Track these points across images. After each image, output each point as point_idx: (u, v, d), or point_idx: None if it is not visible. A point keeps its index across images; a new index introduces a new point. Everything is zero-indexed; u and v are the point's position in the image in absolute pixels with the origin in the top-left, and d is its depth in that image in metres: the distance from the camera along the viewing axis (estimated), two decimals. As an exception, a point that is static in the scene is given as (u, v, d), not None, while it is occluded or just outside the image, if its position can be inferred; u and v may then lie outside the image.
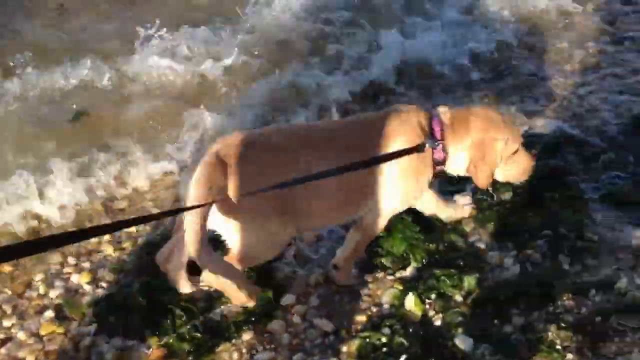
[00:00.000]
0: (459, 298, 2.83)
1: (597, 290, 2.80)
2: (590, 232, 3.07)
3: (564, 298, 2.77)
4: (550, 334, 2.62)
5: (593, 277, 2.88)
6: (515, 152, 2.78)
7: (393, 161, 2.58)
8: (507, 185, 3.12)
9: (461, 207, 3.19)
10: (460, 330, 2.67)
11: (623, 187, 3.37)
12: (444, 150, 2.68)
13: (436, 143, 2.66)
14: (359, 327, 2.76)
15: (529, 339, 2.61)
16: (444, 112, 2.74)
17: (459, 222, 3.16)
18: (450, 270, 2.90)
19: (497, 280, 2.90)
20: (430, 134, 2.67)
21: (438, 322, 2.74)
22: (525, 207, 3.21)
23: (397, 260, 3.02)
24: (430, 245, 3.04)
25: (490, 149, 2.70)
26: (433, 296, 2.83)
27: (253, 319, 2.76)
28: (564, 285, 2.83)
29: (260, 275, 2.92)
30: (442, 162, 2.72)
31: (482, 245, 3.10)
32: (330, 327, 2.76)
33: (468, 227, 3.17)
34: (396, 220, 2.99)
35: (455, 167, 2.78)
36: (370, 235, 2.87)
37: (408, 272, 2.98)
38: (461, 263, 2.97)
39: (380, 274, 3.00)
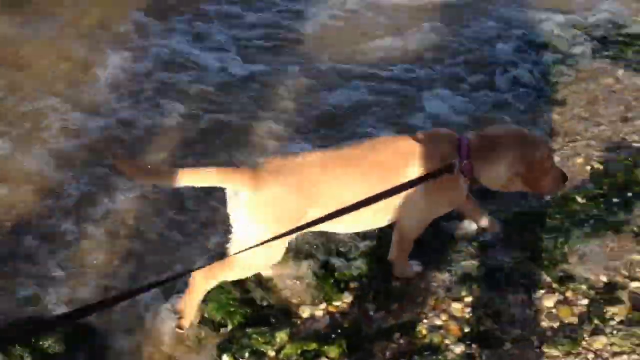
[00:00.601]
0: (271, 353, 2.91)
1: (400, 334, 2.98)
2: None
3: (370, 344, 2.93)
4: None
5: (396, 321, 3.07)
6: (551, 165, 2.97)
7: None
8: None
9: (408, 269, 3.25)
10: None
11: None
12: (471, 165, 2.83)
13: (464, 161, 2.82)
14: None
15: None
16: (473, 133, 2.94)
17: (270, 279, 3.27)
18: (262, 328, 2.98)
19: (308, 332, 3.01)
20: (458, 154, 2.83)
21: (252, 378, 2.80)
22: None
23: (215, 325, 3.06)
24: (247, 308, 3.11)
25: (532, 160, 2.87)
26: (246, 354, 2.89)
27: None
28: (370, 330, 3.00)
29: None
30: (472, 178, 2.87)
31: (294, 300, 3.21)
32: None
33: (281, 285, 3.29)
34: (215, 289, 3.05)
35: (488, 180, 2.93)
36: (408, 238, 3.05)
37: (225, 335, 3.02)
38: (273, 320, 3.06)
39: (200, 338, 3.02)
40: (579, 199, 3.62)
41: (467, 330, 2.95)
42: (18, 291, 3.25)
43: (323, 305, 3.17)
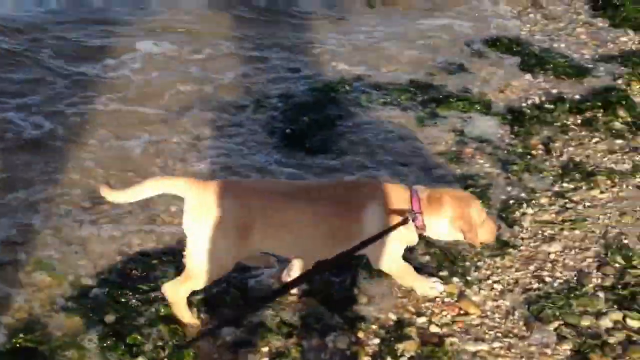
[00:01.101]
0: None
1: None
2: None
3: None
4: None
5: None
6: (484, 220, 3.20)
7: (378, 216, 3.03)
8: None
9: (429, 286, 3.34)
10: None
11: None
12: (422, 220, 3.10)
13: (415, 214, 3.07)
14: None
15: None
16: (421, 189, 3.16)
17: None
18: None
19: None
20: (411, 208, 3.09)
21: None
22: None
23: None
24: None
25: (469, 217, 3.11)
26: None
27: None
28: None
29: None
30: (422, 229, 3.12)
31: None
32: None
33: None
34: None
35: (435, 233, 3.19)
36: (392, 273, 3.25)
37: None
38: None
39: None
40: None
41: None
42: None
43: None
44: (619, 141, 4.48)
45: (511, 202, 3.96)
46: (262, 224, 2.95)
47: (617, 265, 3.46)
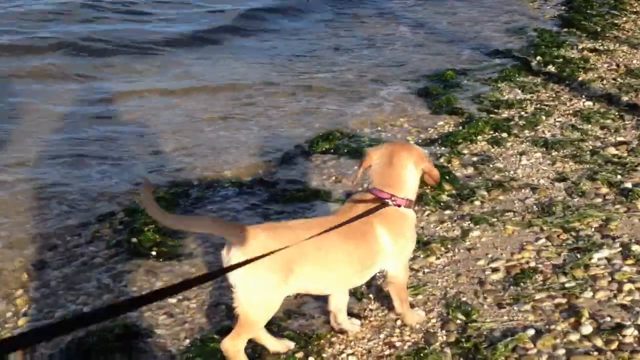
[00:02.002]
0: None
1: None
2: None
3: None
4: None
5: None
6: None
7: (385, 225, 3.30)
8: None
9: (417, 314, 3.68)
10: None
11: None
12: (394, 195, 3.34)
13: (390, 200, 3.32)
14: None
15: None
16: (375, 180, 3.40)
17: None
18: None
19: None
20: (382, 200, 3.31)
21: None
22: None
23: None
24: None
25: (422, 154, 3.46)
26: None
27: None
28: None
29: None
30: (408, 204, 3.38)
31: None
32: None
33: None
34: None
35: (412, 187, 3.42)
36: (401, 285, 3.51)
37: None
38: None
39: None
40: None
41: None
42: None
43: None
44: (448, 212, 4.84)
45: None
46: (302, 262, 3.10)
47: (458, 321, 3.67)
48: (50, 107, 7.06)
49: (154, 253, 4.50)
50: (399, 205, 3.36)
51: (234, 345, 3.15)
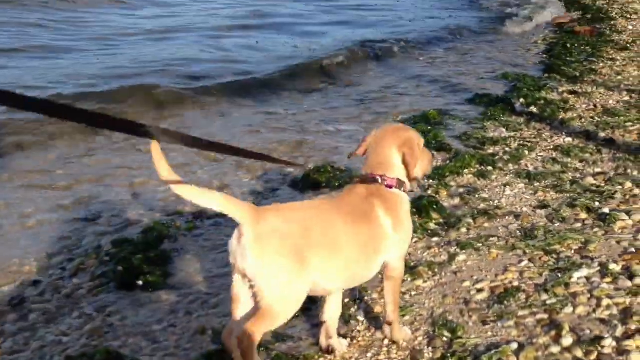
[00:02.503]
0: None
1: None
2: None
3: None
4: None
5: None
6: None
7: (385, 208, 3.36)
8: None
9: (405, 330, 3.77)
10: None
11: None
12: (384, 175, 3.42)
13: (381, 179, 3.40)
14: None
15: None
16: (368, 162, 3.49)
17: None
18: None
19: None
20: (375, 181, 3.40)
21: None
22: None
23: None
24: None
25: (411, 141, 3.47)
26: None
27: None
28: None
29: None
30: (399, 185, 3.44)
31: None
32: None
33: None
34: None
35: (402, 173, 3.47)
36: (400, 275, 3.55)
37: None
38: None
39: None
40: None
41: None
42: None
43: None
44: (435, 239, 5.02)
45: (346, 300, 4.25)
46: (311, 248, 3.03)
47: (444, 338, 3.80)
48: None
49: (140, 282, 4.60)
50: (390, 186, 3.41)
51: (249, 337, 2.93)
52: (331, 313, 3.60)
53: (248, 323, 2.98)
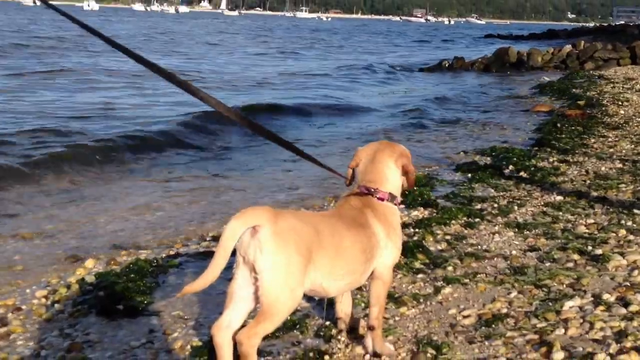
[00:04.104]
0: None
1: None
2: None
3: None
4: None
5: None
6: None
7: (377, 218, 3.44)
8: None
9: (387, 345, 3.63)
10: None
11: None
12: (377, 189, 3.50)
13: (373, 191, 3.48)
14: None
15: None
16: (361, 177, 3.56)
17: None
18: None
19: None
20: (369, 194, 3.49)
21: None
22: None
23: None
24: None
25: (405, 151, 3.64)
26: None
27: None
28: None
29: None
30: (391, 198, 3.52)
31: None
32: None
33: None
34: None
35: (394, 185, 3.58)
36: (390, 280, 3.56)
37: None
38: None
39: None
40: None
41: None
42: None
43: None
44: (420, 275, 4.81)
45: (327, 323, 4.02)
46: (320, 249, 3.08)
47: (429, 355, 3.56)
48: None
49: (120, 307, 4.40)
50: (382, 199, 3.49)
51: (249, 339, 2.90)
52: (343, 307, 3.80)
53: (247, 326, 2.96)
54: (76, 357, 3.62)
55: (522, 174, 8.04)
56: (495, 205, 6.66)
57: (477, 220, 6.12)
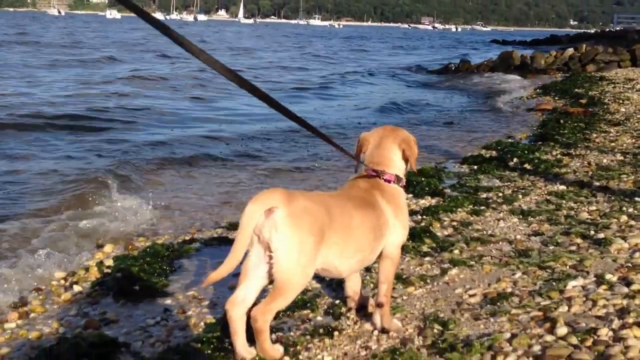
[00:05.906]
0: None
1: None
2: None
3: None
4: None
5: None
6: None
7: (385, 199, 3.56)
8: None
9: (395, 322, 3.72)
10: None
11: None
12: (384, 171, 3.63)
13: (381, 174, 3.61)
14: None
15: None
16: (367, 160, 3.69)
17: None
18: None
19: None
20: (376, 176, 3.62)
21: None
22: None
23: None
24: None
25: (408, 137, 3.73)
26: None
27: None
28: None
29: None
30: (397, 180, 3.65)
31: None
32: None
33: None
34: None
35: (400, 170, 3.70)
36: (398, 257, 3.67)
37: None
38: None
39: None
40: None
41: None
42: None
43: None
44: (427, 258, 4.93)
45: (337, 301, 4.13)
46: (332, 229, 3.18)
47: (435, 330, 3.67)
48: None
49: (137, 288, 4.51)
50: (389, 181, 3.63)
51: (263, 315, 3.06)
52: (352, 286, 3.92)
53: (261, 303, 3.10)
54: (93, 334, 3.73)
55: (526, 166, 8.15)
56: (500, 194, 6.79)
57: (482, 208, 6.24)
